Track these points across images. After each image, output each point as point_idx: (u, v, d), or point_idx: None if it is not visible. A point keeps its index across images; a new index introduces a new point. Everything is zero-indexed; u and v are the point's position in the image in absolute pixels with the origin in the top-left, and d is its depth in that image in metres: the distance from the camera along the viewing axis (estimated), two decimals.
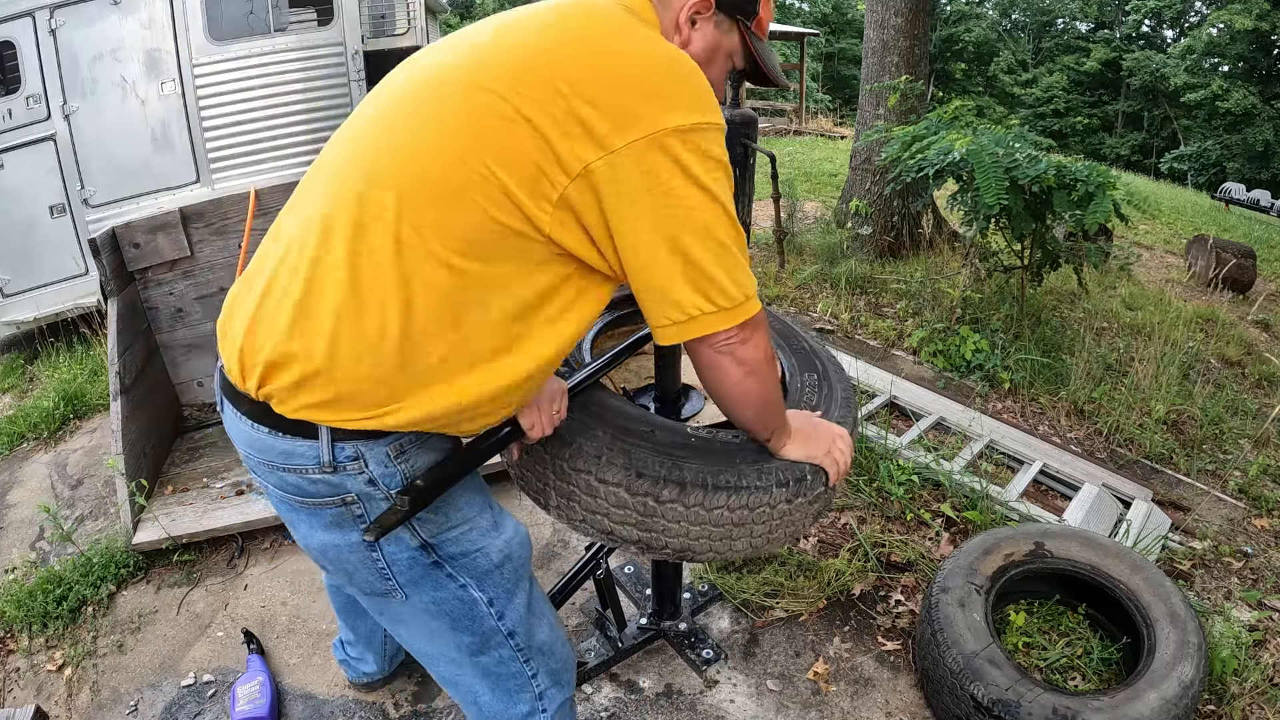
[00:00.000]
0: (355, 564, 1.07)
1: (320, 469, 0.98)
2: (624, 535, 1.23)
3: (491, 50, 0.96)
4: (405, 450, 1.01)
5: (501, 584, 1.15)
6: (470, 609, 1.13)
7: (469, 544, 1.10)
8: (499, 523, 1.16)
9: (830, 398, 1.44)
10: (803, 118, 15.05)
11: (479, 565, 1.11)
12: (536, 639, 1.21)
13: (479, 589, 1.12)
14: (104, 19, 4.16)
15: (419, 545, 1.06)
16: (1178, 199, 12.53)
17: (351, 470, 0.99)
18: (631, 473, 1.17)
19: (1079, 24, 33.69)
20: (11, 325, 4.35)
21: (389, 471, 1.00)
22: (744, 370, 1.03)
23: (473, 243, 0.91)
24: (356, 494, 1.00)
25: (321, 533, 1.05)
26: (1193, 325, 4.32)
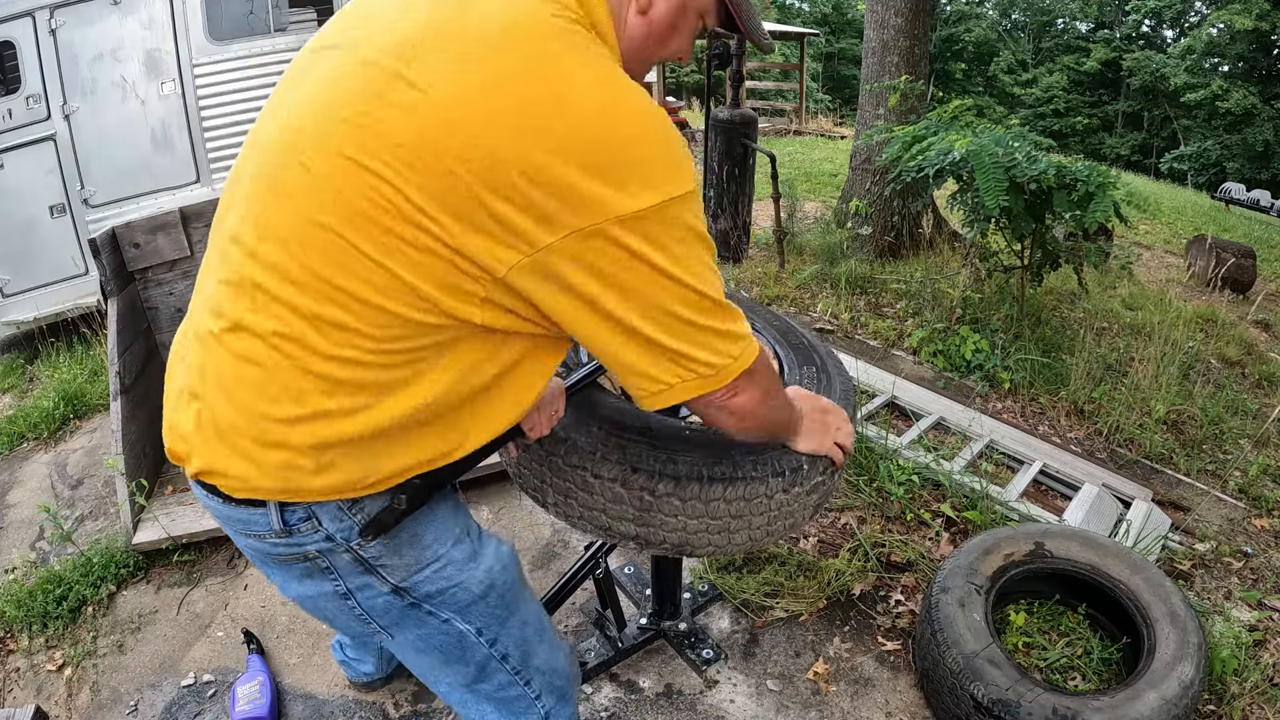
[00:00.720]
0: (333, 611, 1.04)
1: (276, 534, 0.95)
2: (622, 531, 1.23)
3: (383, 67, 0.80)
4: (359, 499, 0.95)
5: (488, 612, 1.10)
6: (459, 641, 1.09)
7: (445, 581, 1.04)
8: (477, 551, 1.08)
9: (829, 389, 1.44)
10: (803, 118, 15.05)
11: (459, 599, 1.06)
12: (535, 660, 1.18)
13: (464, 621, 1.08)
14: (104, 19, 4.16)
15: (391, 590, 1.01)
16: (1178, 199, 12.53)
17: (306, 530, 0.95)
18: (626, 467, 1.17)
19: (1079, 24, 33.71)
20: (11, 325, 4.35)
21: (345, 525, 0.95)
22: (738, 419, 0.97)
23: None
24: (317, 550, 0.97)
25: (296, 585, 1.02)
26: (1193, 325, 4.32)
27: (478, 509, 2.56)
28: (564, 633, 2.07)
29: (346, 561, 0.98)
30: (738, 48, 4.91)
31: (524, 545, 2.41)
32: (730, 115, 4.97)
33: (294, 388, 0.84)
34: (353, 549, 0.97)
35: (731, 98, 5.05)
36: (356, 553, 0.97)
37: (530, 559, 2.35)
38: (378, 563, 0.99)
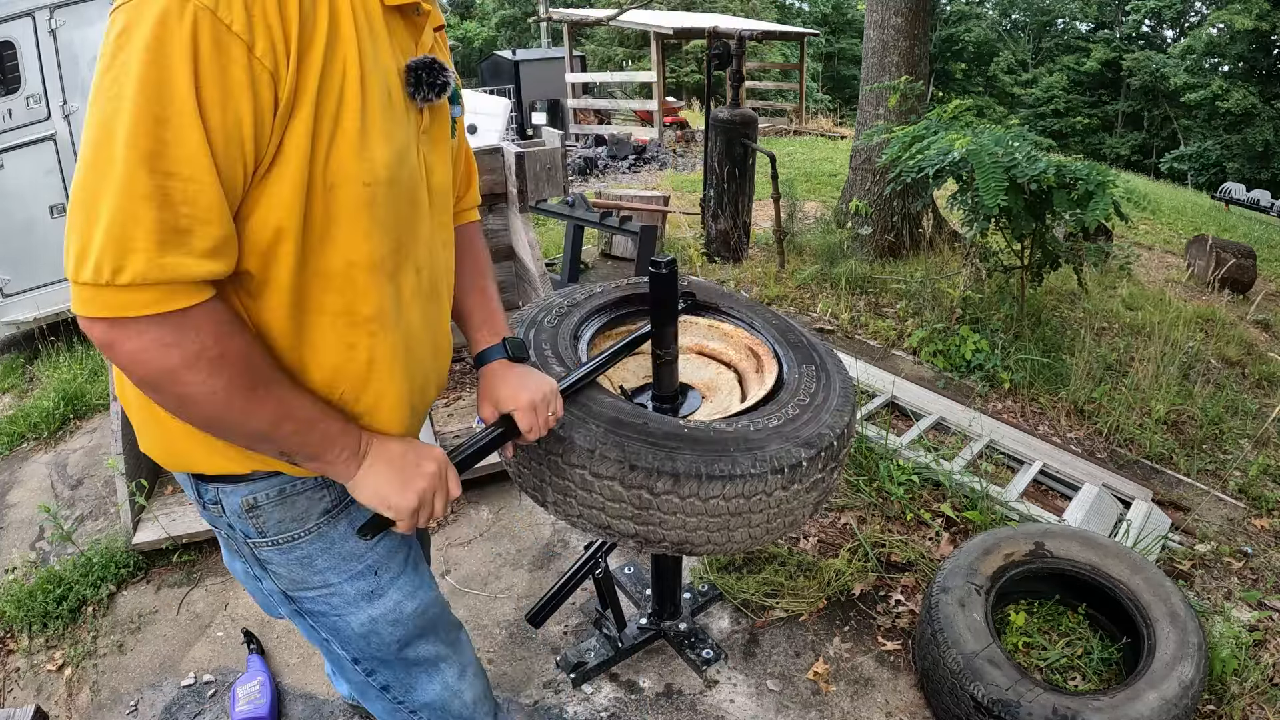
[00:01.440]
0: (253, 589, 1.08)
1: (198, 503, 0.99)
2: (621, 529, 1.23)
3: None
4: (258, 506, 0.94)
5: (367, 651, 1.07)
6: (338, 660, 1.09)
7: (327, 607, 1.02)
8: (375, 593, 1.03)
9: (829, 386, 1.44)
10: (803, 118, 15.04)
11: (338, 628, 1.04)
12: (420, 696, 1.13)
13: (341, 648, 1.07)
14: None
15: (279, 590, 1.02)
16: (1178, 199, 12.53)
17: (214, 513, 0.97)
18: (625, 465, 1.16)
19: (1079, 24, 33.70)
20: (11, 325, 4.35)
21: (244, 522, 0.96)
22: (131, 373, 0.76)
23: None
24: (226, 533, 0.99)
25: (226, 556, 1.07)
26: (1193, 325, 4.32)
27: (478, 509, 2.56)
28: (514, 633, 2.07)
29: (249, 553, 1.00)
30: (737, 48, 4.91)
31: (524, 545, 2.41)
32: (730, 115, 4.97)
33: None
34: (249, 545, 0.98)
35: (731, 98, 5.05)
36: (252, 550, 0.99)
37: (530, 559, 2.35)
38: (269, 565, 1.00)
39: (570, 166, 9.66)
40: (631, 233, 4.16)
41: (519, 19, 30.29)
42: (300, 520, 0.97)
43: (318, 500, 0.98)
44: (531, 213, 3.48)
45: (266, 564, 1.00)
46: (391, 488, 0.91)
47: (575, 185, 8.90)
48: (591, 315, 1.57)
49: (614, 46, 25.99)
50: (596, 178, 9.76)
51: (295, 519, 0.97)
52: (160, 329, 0.72)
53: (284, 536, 0.97)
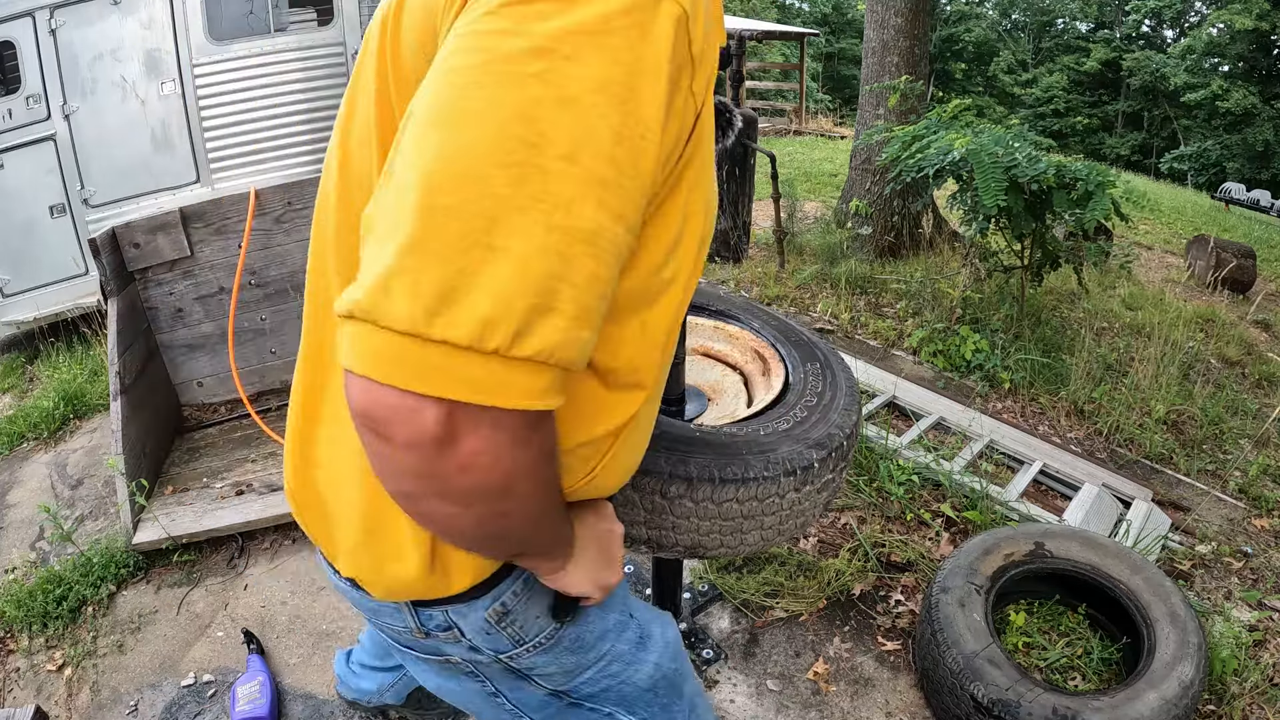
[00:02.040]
0: (479, 706, 0.90)
1: (414, 634, 0.80)
2: (633, 535, 1.22)
3: None
4: (509, 612, 0.77)
5: (654, 702, 0.95)
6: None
7: (611, 678, 0.90)
8: (645, 637, 0.92)
9: (835, 384, 1.44)
10: (803, 118, 15.05)
11: (626, 694, 0.92)
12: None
13: (628, 713, 0.94)
14: (104, 19, 4.16)
15: (550, 693, 0.88)
16: (1178, 199, 12.53)
17: (447, 639, 0.79)
18: (637, 470, 1.16)
19: (1079, 24, 33.71)
20: (11, 325, 4.35)
21: (493, 638, 0.79)
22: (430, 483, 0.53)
23: None
24: (460, 658, 0.82)
25: (437, 677, 0.88)
26: (1193, 325, 4.32)
27: None
28: None
29: (497, 671, 0.84)
30: (738, 48, 4.92)
31: None
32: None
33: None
34: (502, 660, 0.81)
35: (731, 98, 5.05)
36: (507, 664, 0.82)
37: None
38: (534, 671, 0.85)
39: None
40: None
41: None
42: (550, 613, 0.82)
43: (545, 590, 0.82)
44: None
45: (531, 672, 0.84)
46: (601, 566, 0.77)
47: None
48: None
49: None
50: None
51: (547, 609, 0.81)
52: (519, 423, 0.50)
53: (547, 634, 0.81)
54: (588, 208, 0.47)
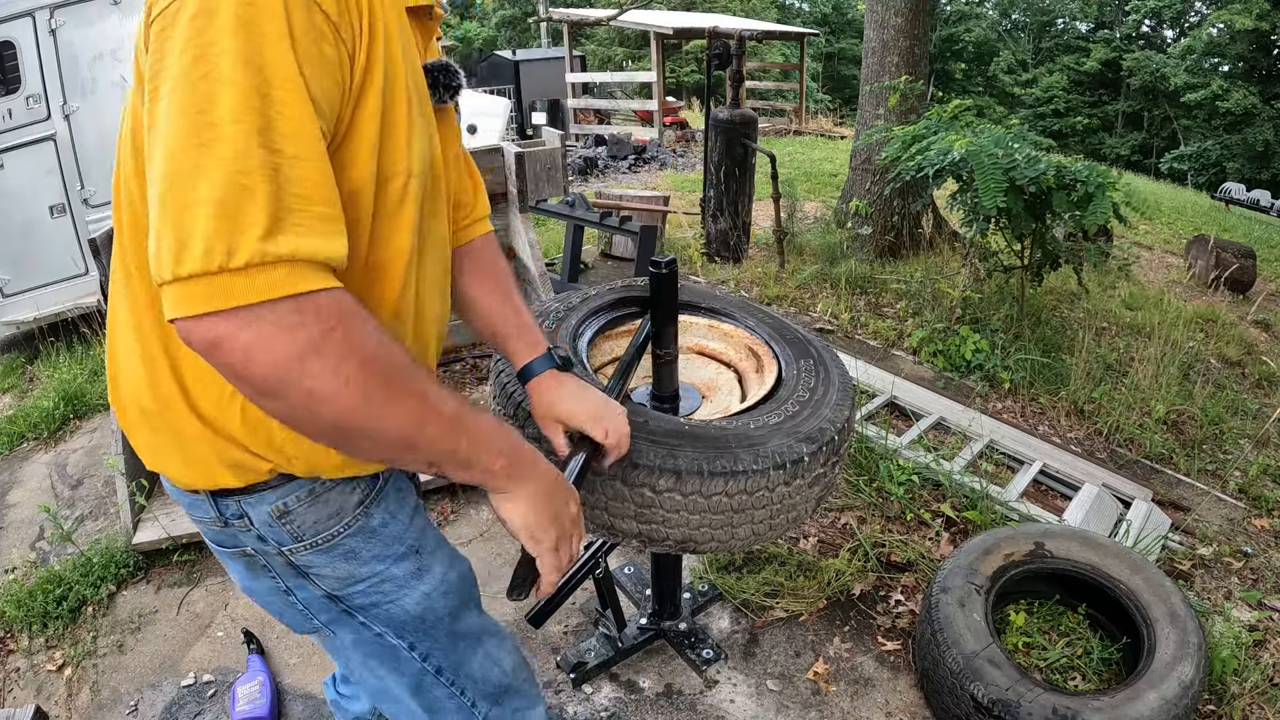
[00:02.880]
0: (280, 606, 1.01)
1: (216, 523, 0.92)
2: (624, 529, 1.22)
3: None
4: (289, 510, 0.90)
5: (422, 630, 1.05)
6: (393, 653, 1.05)
7: (379, 596, 1.00)
8: (422, 569, 1.02)
9: (828, 380, 1.44)
10: (803, 118, 15.05)
11: (393, 615, 1.01)
12: (468, 669, 1.12)
13: (396, 637, 1.03)
14: (104, 19, 4.16)
15: (324, 595, 0.98)
16: (1178, 199, 12.53)
17: (239, 527, 0.92)
18: (626, 463, 1.16)
19: (1079, 24, 33.71)
20: (11, 325, 4.35)
21: (275, 530, 0.91)
22: (240, 377, 0.67)
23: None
24: (252, 549, 0.94)
25: (245, 579, 0.99)
26: (1193, 325, 4.32)
27: (478, 509, 2.56)
28: (515, 633, 2.07)
29: (281, 565, 0.95)
30: (737, 48, 4.92)
31: None
32: (730, 115, 4.97)
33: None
34: (285, 554, 0.93)
35: (731, 98, 5.05)
36: (289, 559, 0.94)
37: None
38: (311, 570, 0.96)
39: (570, 166, 9.66)
40: (631, 233, 4.16)
41: (519, 19, 30.30)
42: (336, 516, 0.94)
43: (349, 494, 0.94)
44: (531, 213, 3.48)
45: (308, 569, 0.95)
46: (541, 518, 0.88)
47: (575, 185, 8.91)
48: (589, 317, 1.57)
49: (614, 46, 26.00)
50: (596, 178, 9.76)
51: (331, 516, 0.93)
52: (279, 311, 0.64)
53: (323, 536, 0.93)
54: (252, 147, 0.63)
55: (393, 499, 1.00)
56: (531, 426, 1.18)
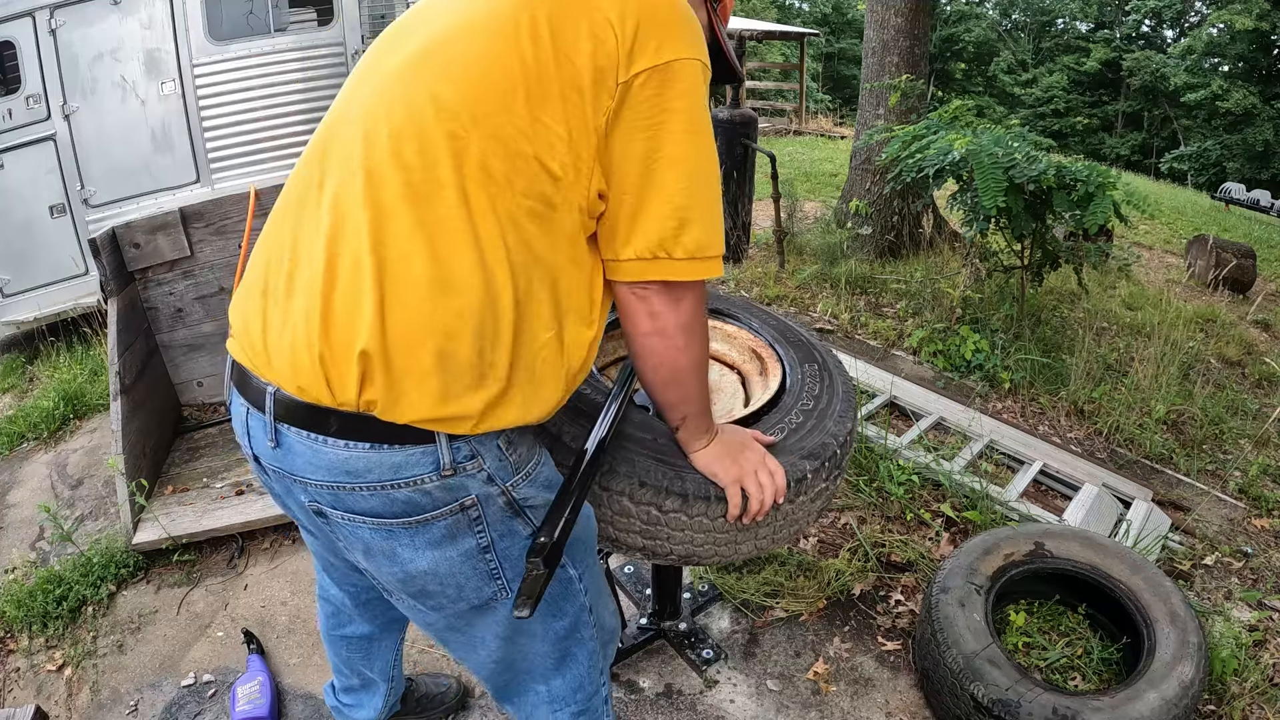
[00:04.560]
0: (468, 574, 1.00)
1: (440, 474, 0.91)
2: (628, 543, 1.23)
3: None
4: (513, 440, 0.99)
5: (584, 553, 1.13)
6: (567, 587, 1.10)
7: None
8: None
9: (832, 388, 1.44)
10: (803, 118, 15.04)
11: (575, 537, 1.06)
12: (599, 612, 1.19)
13: (574, 566, 1.10)
14: (104, 19, 4.16)
15: (530, 533, 1.02)
16: (1178, 199, 12.53)
17: (471, 469, 0.93)
18: (634, 481, 1.16)
19: (1079, 24, 33.68)
20: (11, 325, 4.36)
21: (503, 465, 0.97)
22: (676, 331, 1.01)
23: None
24: (476, 495, 0.95)
25: (431, 551, 0.97)
26: (1193, 325, 4.32)
27: None
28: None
29: (499, 509, 0.98)
30: (738, 48, 4.92)
31: None
32: (730, 115, 4.97)
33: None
34: (507, 490, 0.98)
35: (731, 98, 5.05)
36: (510, 494, 0.99)
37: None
38: (526, 504, 1.01)
39: None
40: None
41: None
42: (533, 446, 1.05)
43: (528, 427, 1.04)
44: None
45: (525, 504, 1.01)
46: (722, 463, 1.15)
47: None
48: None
49: None
50: None
51: (530, 446, 1.04)
52: (701, 289, 1.01)
53: (530, 464, 1.02)
54: (717, 187, 1.00)
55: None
56: (544, 437, 1.18)
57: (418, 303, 0.86)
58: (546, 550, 0.95)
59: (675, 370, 1.03)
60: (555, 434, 1.20)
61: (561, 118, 0.89)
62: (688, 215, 0.94)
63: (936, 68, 29.73)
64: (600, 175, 0.93)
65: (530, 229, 0.90)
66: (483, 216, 0.88)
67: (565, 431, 1.20)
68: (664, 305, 0.98)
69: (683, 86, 0.92)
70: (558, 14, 0.89)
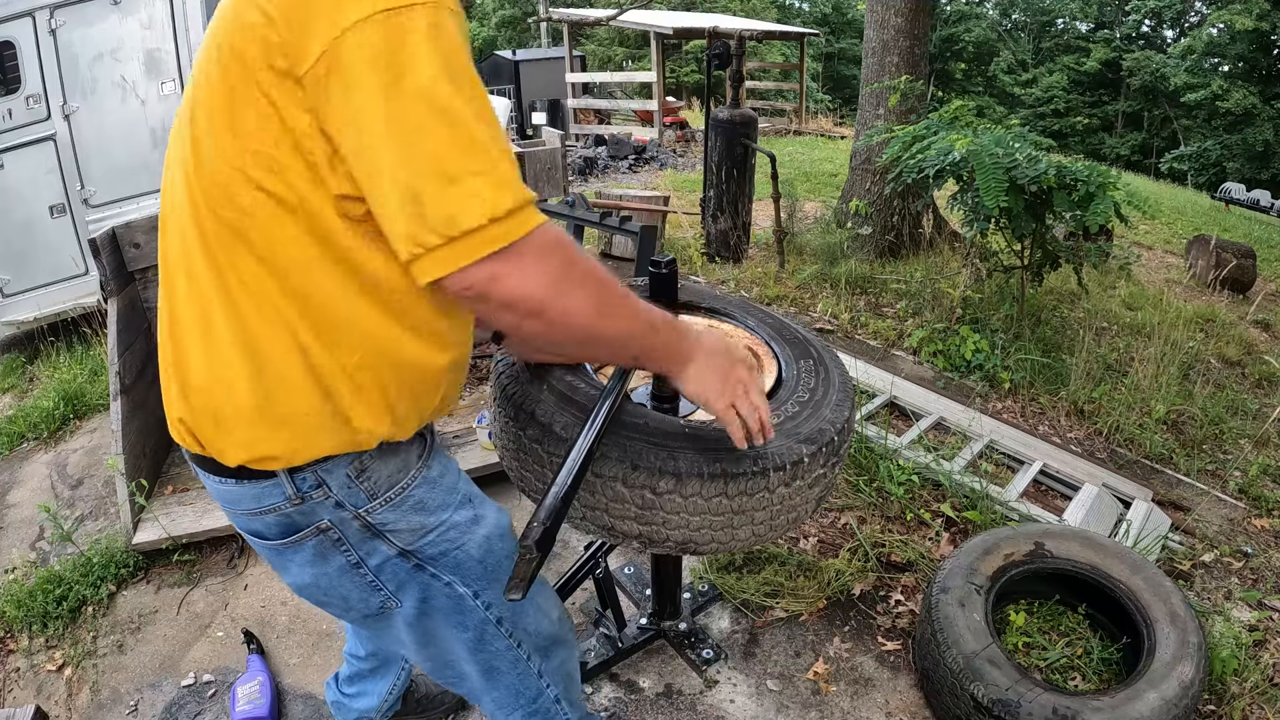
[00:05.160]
0: (349, 587, 1.06)
1: (291, 503, 0.97)
2: (624, 530, 1.23)
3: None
4: (366, 468, 0.98)
5: (485, 575, 1.13)
6: (459, 604, 1.12)
7: (447, 545, 1.08)
8: (479, 516, 1.12)
9: (828, 380, 1.44)
10: (803, 118, 15.05)
11: (461, 562, 1.09)
12: (523, 622, 1.19)
13: (464, 584, 1.11)
14: (104, 19, 4.16)
15: (397, 553, 1.05)
16: (1178, 199, 12.54)
17: (318, 497, 0.98)
18: (627, 465, 1.16)
19: (1079, 24, 33.70)
20: (11, 325, 4.36)
21: (353, 492, 0.99)
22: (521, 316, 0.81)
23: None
24: (330, 520, 0.99)
25: (310, 568, 1.04)
26: (1193, 325, 4.32)
27: None
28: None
29: (356, 531, 1.01)
30: (738, 48, 4.91)
31: None
32: (730, 115, 4.97)
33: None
34: (361, 516, 1.00)
35: (731, 98, 5.05)
36: (365, 520, 1.00)
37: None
38: (386, 528, 1.02)
39: (570, 166, 9.66)
40: (631, 233, 4.15)
41: (519, 19, 30.29)
42: (404, 469, 1.02)
43: (411, 448, 1.04)
44: None
45: (383, 528, 1.02)
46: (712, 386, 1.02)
47: (575, 185, 8.90)
48: None
49: (614, 46, 26.01)
50: (596, 178, 9.76)
51: (399, 469, 1.02)
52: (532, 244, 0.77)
53: (395, 489, 1.01)
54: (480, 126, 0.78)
55: (441, 454, 1.11)
56: (533, 427, 1.19)
57: (198, 364, 0.92)
58: (538, 536, 0.94)
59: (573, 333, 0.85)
60: (546, 424, 1.20)
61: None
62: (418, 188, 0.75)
63: (936, 68, 29.73)
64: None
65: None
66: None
67: (556, 421, 1.20)
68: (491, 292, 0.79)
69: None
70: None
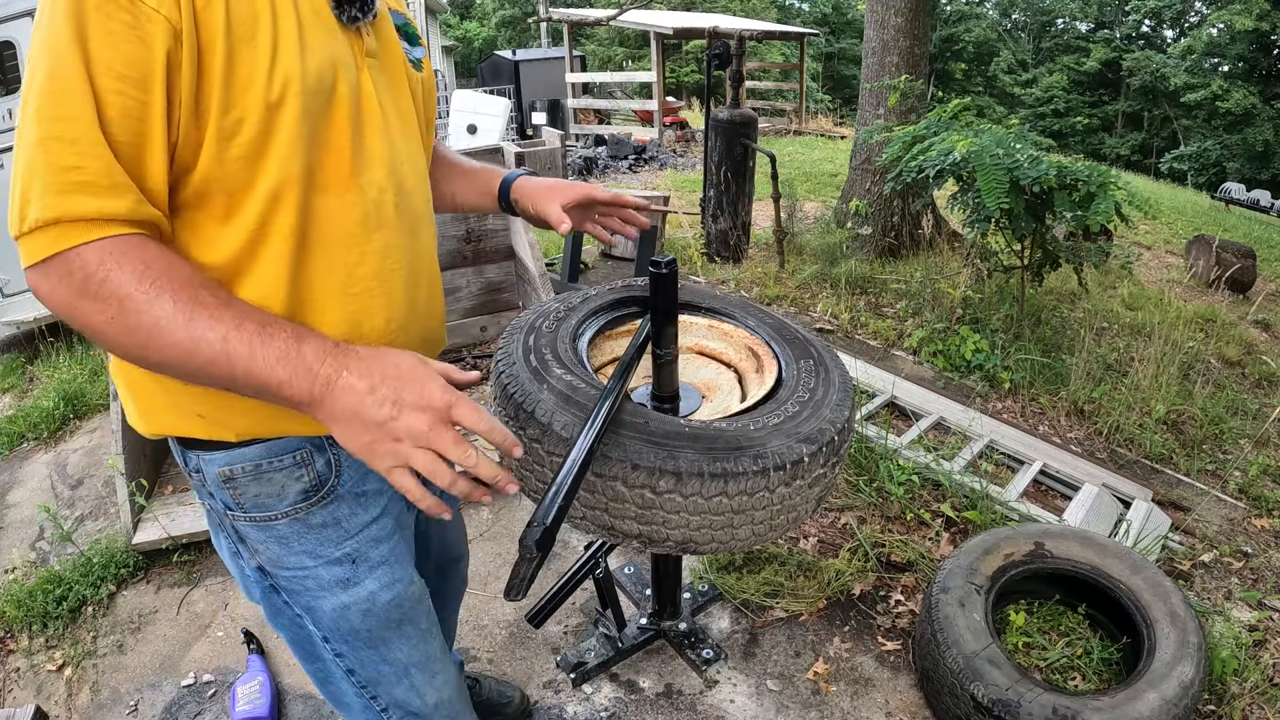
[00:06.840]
0: (235, 572, 1.05)
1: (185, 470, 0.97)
2: (624, 530, 1.22)
3: None
4: (235, 477, 0.93)
5: (339, 634, 1.05)
6: (309, 640, 1.07)
7: (301, 588, 1.01)
8: (351, 581, 1.01)
9: (828, 380, 1.44)
10: (803, 118, 15.04)
11: (312, 607, 1.02)
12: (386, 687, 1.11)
13: (313, 624, 1.04)
14: None
15: (257, 568, 1.00)
16: (1178, 199, 12.53)
17: (198, 481, 0.96)
18: (627, 465, 1.16)
19: (1079, 24, 33.71)
20: (11, 325, 4.35)
21: (222, 492, 0.94)
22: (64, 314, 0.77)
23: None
24: (207, 505, 0.98)
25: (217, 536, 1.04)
26: (1193, 325, 4.32)
27: (478, 509, 2.55)
28: (515, 632, 2.07)
29: (228, 526, 0.99)
30: (738, 48, 4.92)
31: None
32: (730, 115, 4.97)
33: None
34: (226, 517, 0.97)
35: (731, 98, 5.05)
36: (231, 522, 0.97)
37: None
38: (247, 540, 0.98)
39: (570, 166, 9.66)
40: None
41: (519, 19, 30.31)
42: (277, 497, 0.94)
43: (294, 479, 0.94)
44: None
45: (244, 538, 0.98)
46: (352, 434, 0.75)
47: None
48: (589, 317, 1.57)
49: (614, 46, 26.03)
50: (596, 178, 9.77)
51: (272, 495, 0.94)
52: (55, 265, 0.72)
53: (261, 514, 0.95)
54: (33, 131, 0.72)
55: (349, 504, 0.99)
56: (533, 427, 1.18)
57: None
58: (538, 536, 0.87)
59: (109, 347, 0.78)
60: (546, 424, 1.20)
61: None
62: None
63: (936, 68, 29.74)
64: None
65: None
66: None
67: (556, 420, 1.20)
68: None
69: None
70: None
